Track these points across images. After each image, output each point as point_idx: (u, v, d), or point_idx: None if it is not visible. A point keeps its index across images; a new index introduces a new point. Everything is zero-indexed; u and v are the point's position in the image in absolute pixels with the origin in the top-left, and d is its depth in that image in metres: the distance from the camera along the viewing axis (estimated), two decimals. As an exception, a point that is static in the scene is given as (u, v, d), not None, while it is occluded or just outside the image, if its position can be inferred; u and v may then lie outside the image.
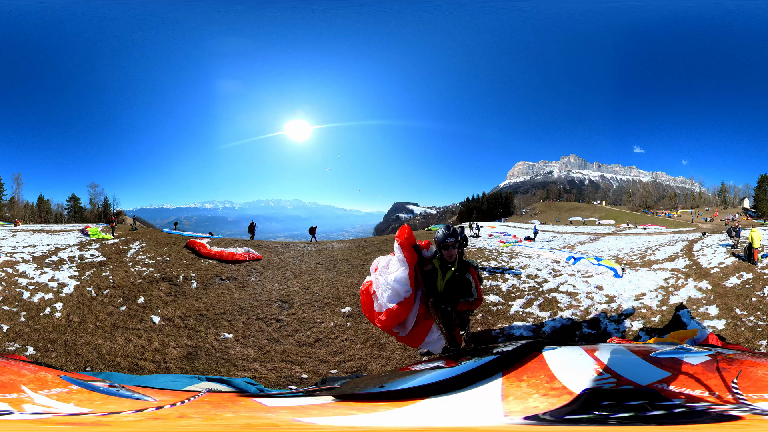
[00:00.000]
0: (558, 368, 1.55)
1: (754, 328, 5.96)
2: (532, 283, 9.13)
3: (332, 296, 8.83)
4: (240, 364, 5.68)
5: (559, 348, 1.86)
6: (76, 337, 6.41)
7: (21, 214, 63.59)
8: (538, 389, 1.41)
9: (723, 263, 11.34)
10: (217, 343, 6.42)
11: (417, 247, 4.00)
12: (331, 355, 5.82)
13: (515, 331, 6.13)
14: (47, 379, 1.77)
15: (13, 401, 1.37)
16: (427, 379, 1.75)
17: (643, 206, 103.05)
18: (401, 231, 3.90)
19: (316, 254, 15.87)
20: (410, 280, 3.82)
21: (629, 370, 1.51)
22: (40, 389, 1.54)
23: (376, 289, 3.96)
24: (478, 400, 1.42)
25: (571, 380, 1.43)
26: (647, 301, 7.42)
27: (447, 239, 3.91)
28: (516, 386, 1.48)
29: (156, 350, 6.07)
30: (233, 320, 7.51)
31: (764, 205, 75.76)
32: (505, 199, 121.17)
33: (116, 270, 11.01)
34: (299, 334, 6.70)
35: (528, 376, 1.54)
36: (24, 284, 8.89)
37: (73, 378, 1.83)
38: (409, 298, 3.84)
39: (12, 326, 6.59)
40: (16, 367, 1.90)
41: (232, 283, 10.45)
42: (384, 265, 4.00)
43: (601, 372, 1.48)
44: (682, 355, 1.66)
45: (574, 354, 1.79)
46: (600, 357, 1.64)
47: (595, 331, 6.08)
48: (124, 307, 8.00)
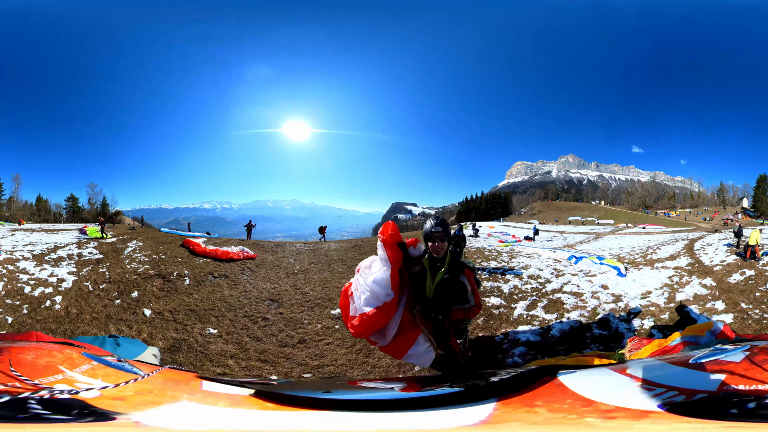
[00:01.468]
0: (591, 391, 1.38)
1: (760, 320, 6.10)
2: (535, 283, 8.92)
3: (323, 297, 8.69)
4: (216, 359, 5.65)
5: (579, 371, 1.69)
6: (74, 327, 6.88)
7: (20, 214, 63.42)
8: (577, 413, 1.25)
9: (725, 261, 11.36)
10: (201, 337, 6.48)
11: (402, 245, 3.48)
12: (312, 358, 5.59)
13: (520, 336, 5.73)
14: (73, 357, 1.98)
15: (68, 381, 1.55)
16: (375, 396, 1.71)
17: (641, 206, 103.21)
18: (384, 227, 3.42)
19: (311, 254, 15.72)
20: (392, 283, 3.29)
21: (686, 380, 1.37)
22: (74, 367, 1.75)
23: (354, 291, 3.48)
24: (432, 419, 1.29)
25: (625, 400, 1.27)
26: (654, 299, 7.27)
27: (434, 229, 3.37)
28: (523, 412, 1.31)
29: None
30: (220, 316, 7.55)
31: (763, 205, 75.88)
32: (503, 199, 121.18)
33: (113, 266, 11.34)
34: (283, 335, 6.59)
35: (544, 402, 1.38)
36: (25, 279, 9.23)
37: (92, 354, 2.09)
38: (390, 303, 3.30)
39: (16, 318, 7.08)
40: (46, 348, 2.16)
41: (224, 281, 10.46)
42: (366, 266, 3.51)
43: (650, 387, 1.34)
44: (721, 356, 1.55)
45: (601, 375, 1.64)
46: (635, 374, 1.50)
47: (606, 331, 5.80)
48: (118, 301, 8.32)
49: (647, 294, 7.58)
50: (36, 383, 1.39)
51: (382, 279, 3.28)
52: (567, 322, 6.23)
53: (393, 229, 3.40)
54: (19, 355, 1.82)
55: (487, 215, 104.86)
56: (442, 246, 3.39)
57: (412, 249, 3.54)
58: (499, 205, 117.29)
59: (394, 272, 3.29)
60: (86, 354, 2.02)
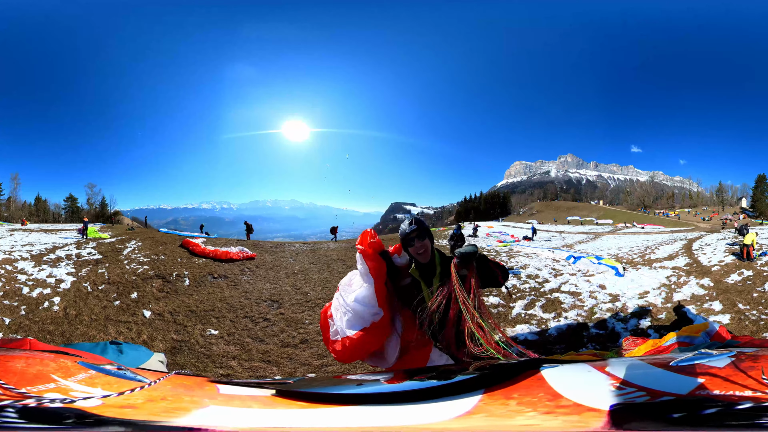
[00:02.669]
0: (562, 386, 1.40)
1: (757, 321, 6.15)
2: (533, 283, 8.97)
3: (324, 297, 8.70)
4: (219, 360, 5.67)
5: (561, 366, 1.70)
6: (72, 329, 6.81)
7: (19, 214, 63.25)
8: (536, 407, 1.26)
9: (723, 261, 11.38)
10: (202, 339, 6.48)
11: (385, 254, 2.93)
12: (314, 358, 5.65)
13: (519, 335, 5.84)
14: (68, 366, 1.89)
15: (61, 390, 1.48)
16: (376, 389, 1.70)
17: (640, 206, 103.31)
18: (363, 236, 2.90)
19: (311, 254, 15.74)
20: (378, 299, 2.80)
21: (658, 381, 1.37)
22: (68, 376, 1.66)
23: (334, 312, 3.00)
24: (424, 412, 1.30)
25: (585, 397, 1.27)
26: (651, 298, 7.32)
27: (408, 229, 2.78)
28: (499, 404, 1.33)
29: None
30: (221, 317, 7.55)
31: (761, 205, 75.99)
32: (502, 198, 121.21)
33: (112, 267, 11.27)
34: (285, 335, 6.62)
35: (520, 395, 1.39)
36: (23, 280, 9.16)
37: (88, 363, 1.97)
38: (379, 322, 2.81)
39: (14, 319, 6.98)
40: (38, 357, 2.06)
41: (224, 282, 10.47)
42: (347, 283, 3.05)
43: (621, 386, 1.34)
44: (704, 360, 1.54)
45: (580, 371, 1.64)
46: (613, 372, 1.49)
47: (603, 331, 5.89)
48: (117, 302, 8.25)
49: (645, 294, 7.63)
50: (22, 392, 1.34)
51: (365, 296, 2.81)
52: (564, 321, 6.29)
53: (372, 237, 2.90)
54: (7, 363, 1.77)
55: (486, 215, 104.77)
56: (424, 245, 2.77)
57: (397, 257, 3.00)
58: (498, 205, 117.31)
59: (379, 286, 2.82)
60: (83, 363, 1.93)
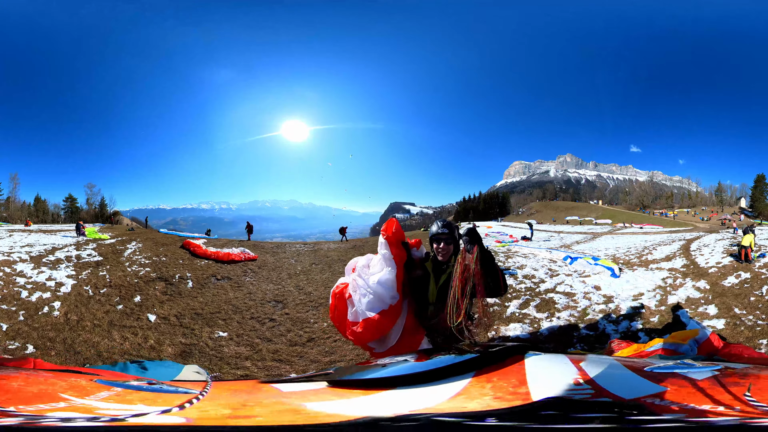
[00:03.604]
0: (532, 375, 1.48)
1: (753, 327, 5.96)
2: (529, 283, 9.08)
3: (327, 296, 8.65)
4: (233, 362, 5.75)
5: (544, 355, 1.78)
6: (74, 335, 6.50)
7: (18, 214, 63.14)
8: (502, 392, 1.35)
9: (720, 263, 11.28)
10: (212, 341, 6.52)
11: (406, 245, 3.25)
12: (323, 355, 5.84)
13: (511, 333, 6.02)
14: (82, 384, 1.73)
15: (78, 408, 1.30)
16: (398, 371, 1.73)
17: (639, 205, 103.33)
18: (388, 224, 3.18)
19: (312, 255, 15.86)
20: (398, 284, 3.05)
21: (614, 382, 1.42)
22: (86, 395, 1.48)
23: (353, 293, 3.18)
24: (433, 395, 1.37)
25: (539, 387, 1.35)
26: (646, 301, 7.37)
27: (440, 230, 3.12)
28: (479, 387, 1.42)
29: (152, 348, 6.16)
30: (228, 319, 7.60)
31: (761, 205, 76.14)
32: (501, 198, 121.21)
33: (113, 269, 11.09)
34: (292, 334, 6.75)
35: (498, 379, 1.48)
36: (22, 283, 8.87)
37: (108, 380, 1.79)
38: (395, 306, 3.03)
39: (11, 325, 6.66)
40: (42, 375, 1.86)
41: (228, 283, 10.51)
42: (364, 264, 3.25)
43: (580, 383, 1.40)
44: (683, 370, 1.57)
45: (556, 361, 1.71)
46: (585, 368, 1.55)
47: (593, 332, 5.98)
48: (120, 306, 8.09)
49: (639, 296, 7.68)
50: (9, 410, 1.20)
51: (387, 280, 3.02)
52: (557, 321, 6.43)
53: (397, 227, 3.18)
54: (1, 381, 1.64)
55: (485, 215, 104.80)
56: (448, 249, 3.13)
57: (415, 250, 3.31)
58: (497, 205, 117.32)
59: (400, 273, 3.06)
60: (101, 381, 1.75)
